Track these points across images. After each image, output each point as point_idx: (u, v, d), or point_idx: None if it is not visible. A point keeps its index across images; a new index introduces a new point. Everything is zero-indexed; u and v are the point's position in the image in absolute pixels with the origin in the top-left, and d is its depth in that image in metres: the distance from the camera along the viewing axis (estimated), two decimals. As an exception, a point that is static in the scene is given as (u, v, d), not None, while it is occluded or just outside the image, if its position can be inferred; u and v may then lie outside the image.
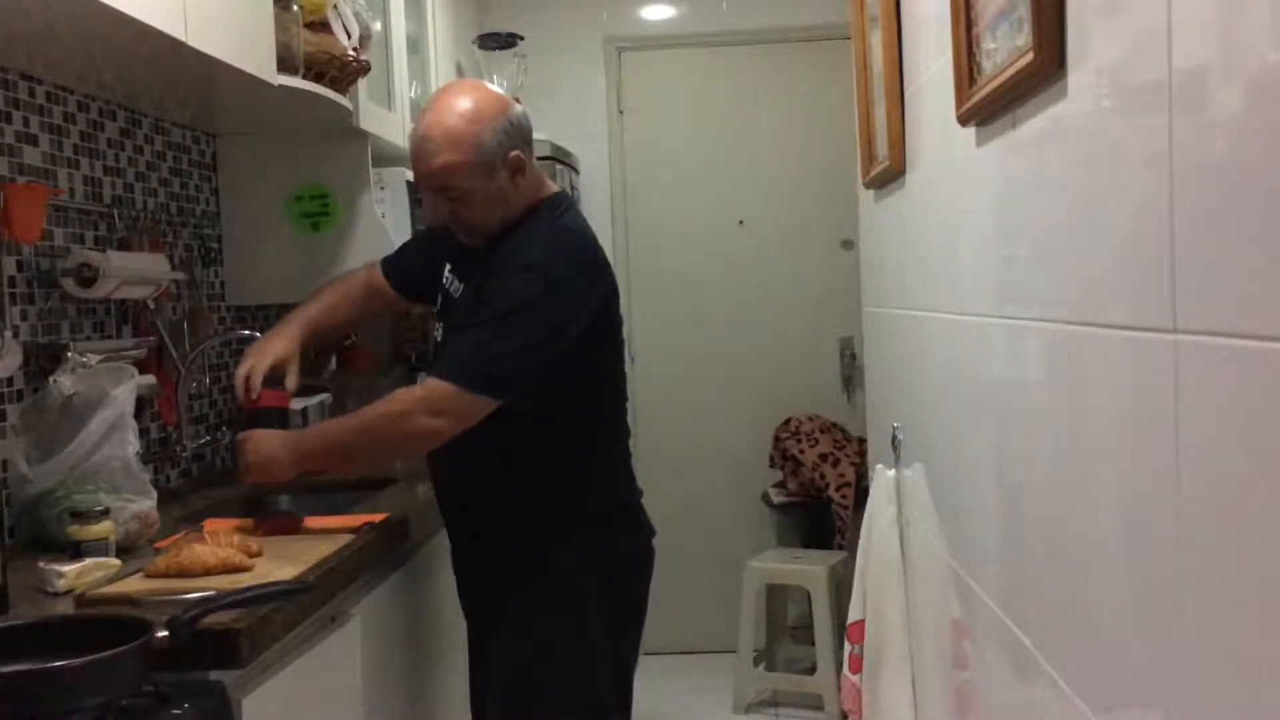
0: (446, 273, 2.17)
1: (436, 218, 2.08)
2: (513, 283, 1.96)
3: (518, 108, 2.07)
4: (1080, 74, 1.14)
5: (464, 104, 2.00)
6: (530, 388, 1.94)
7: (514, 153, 2.01)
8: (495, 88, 2.12)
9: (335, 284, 2.32)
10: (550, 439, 2.04)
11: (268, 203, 2.87)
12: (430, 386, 1.93)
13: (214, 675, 1.43)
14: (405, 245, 2.42)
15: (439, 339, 2.15)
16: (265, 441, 1.99)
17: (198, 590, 1.56)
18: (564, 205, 2.13)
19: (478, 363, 1.92)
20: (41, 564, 1.67)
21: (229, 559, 1.67)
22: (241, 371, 2.08)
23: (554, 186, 2.15)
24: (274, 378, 2.09)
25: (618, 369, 2.16)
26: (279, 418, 2.07)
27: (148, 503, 1.94)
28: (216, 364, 2.84)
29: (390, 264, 2.31)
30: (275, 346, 2.11)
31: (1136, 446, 1.01)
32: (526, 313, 1.94)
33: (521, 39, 3.91)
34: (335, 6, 2.52)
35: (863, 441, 3.80)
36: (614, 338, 2.13)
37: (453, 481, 2.16)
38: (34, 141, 2.11)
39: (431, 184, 2.01)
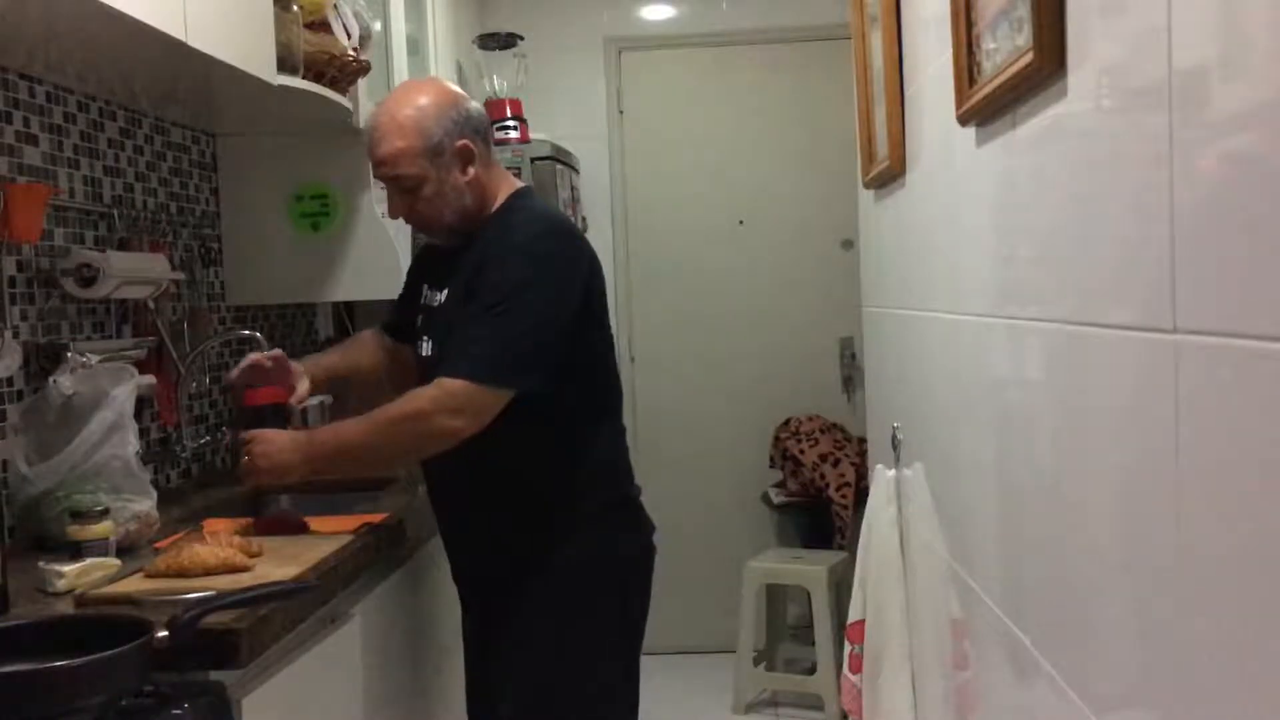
0: (425, 291, 2.18)
1: (394, 213, 2.10)
2: (500, 271, 1.97)
3: (474, 104, 2.09)
4: (1080, 74, 1.14)
5: (416, 96, 2.03)
6: (540, 370, 1.95)
7: (461, 142, 2.02)
8: (453, 85, 2.13)
9: (355, 336, 2.33)
10: (547, 438, 2.04)
11: (268, 203, 2.86)
12: (444, 385, 1.91)
13: (214, 675, 1.43)
14: (394, 304, 2.41)
15: (425, 353, 2.12)
16: (275, 443, 1.96)
17: (198, 590, 1.56)
18: (530, 195, 2.16)
19: (485, 355, 1.92)
20: (41, 564, 1.67)
21: (229, 559, 1.67)
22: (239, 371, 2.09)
23: (518, 183, 2.16)
24: (276, 378, 2.09)
25: (610, 360, 2.16)
26: (279, 414, 2.06)
27: (148, 503, 1.94)
28: (216, 364, 2.84)
29: (389, 326, 2.33)
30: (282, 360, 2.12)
31: (1136, 446, 1.01)
32: (520, 296, 1.94)
33: (521, 39, 3.91)
34: (335, 6, 2.51)
35: (863, 441, 3.80)
36: (603, 317, 2.12)
37: (451, 486, 2.14)
38: (34, 141, 2.11)
39: (381, 172, 2.04)
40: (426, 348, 2.12)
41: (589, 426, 2.11)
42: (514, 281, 1.95)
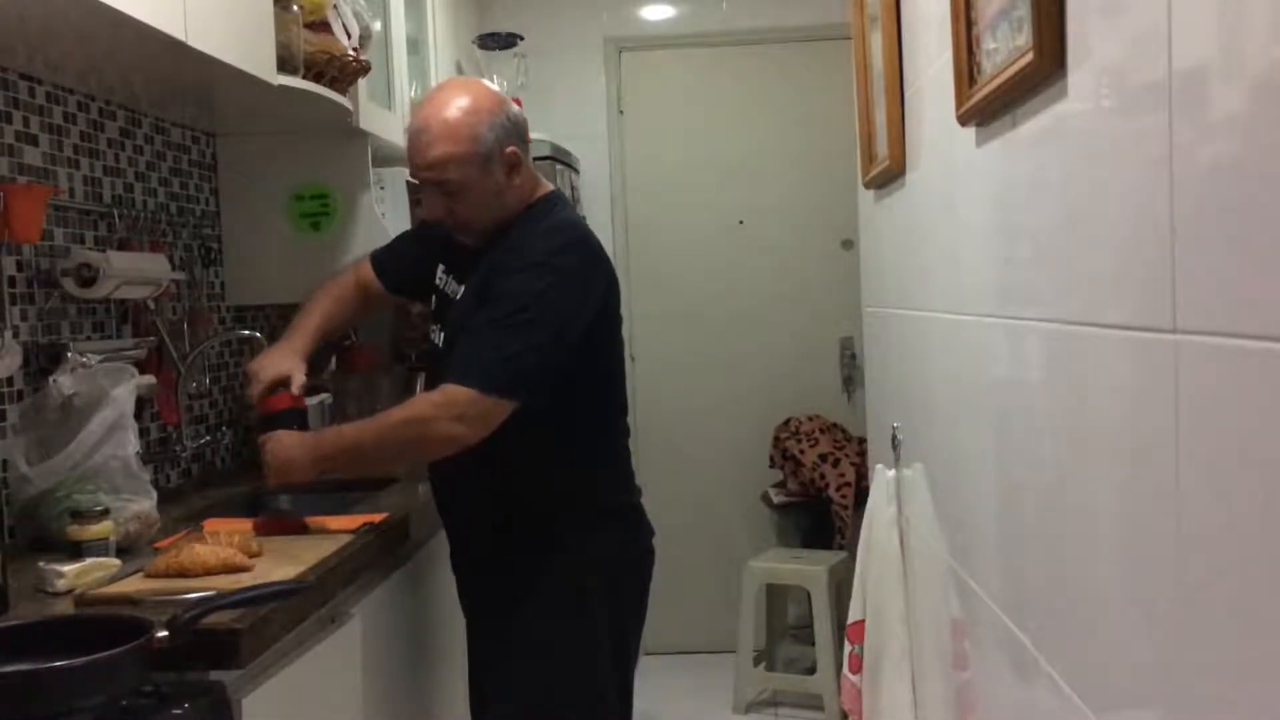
0: (440, 273, 2.17)
1: (431, 214, 2.07)
2: (517, 281, 1.96)
3: (514, 106, 2.09)
4: (1080, 74, 1.14)
5: (461, 98, 2.01)
6: (545, 385, 1.95)
7: (510, 148, 2.02)
8: (492, 85, 2.13)
9: (329, 289, 2.30)
10: (551, 440, 2.04)
11: (268, 203, 2.86)
12: (449, 392, 1.91)
13: (214, 675, 1.43)
14: (395, 242, 2.41)
15: (438, 343, 2.14)
16: (285, 443, 1.99)
17: (198, 590, 1.56)
18: (558, 202, 2.15)
19: (493, 365, 1.91)
20: (41, 564, 1.67)
21: (229, 559, 1.67)
22: (256, 392, 2.08)
23: (548, 186, 2.16)
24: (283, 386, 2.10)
25: (619, 367, 2.16)
26: (298, 419, 2.08)
27: (148, 503, 1.94)
28: (216, 364, 2.84)
29: (380, 261, 2.30)
30: (277, 364, 2.10)
31: (1136, 446, 1.01)
32: (535, 310, 1.94)
33: (521, 39, 3.91)
34: (335, 6, 2.51)
35: (863, 441, 3.80)
36: (615, 332, 2.13)
37: (453, 484, 2.15)
38: (34, 141, 2.11)
39: (427, 176, 2.02)
40: (439, 338, 2.13)
41: (595, 432, 2.11)
42: (532, 294, 1.94)
